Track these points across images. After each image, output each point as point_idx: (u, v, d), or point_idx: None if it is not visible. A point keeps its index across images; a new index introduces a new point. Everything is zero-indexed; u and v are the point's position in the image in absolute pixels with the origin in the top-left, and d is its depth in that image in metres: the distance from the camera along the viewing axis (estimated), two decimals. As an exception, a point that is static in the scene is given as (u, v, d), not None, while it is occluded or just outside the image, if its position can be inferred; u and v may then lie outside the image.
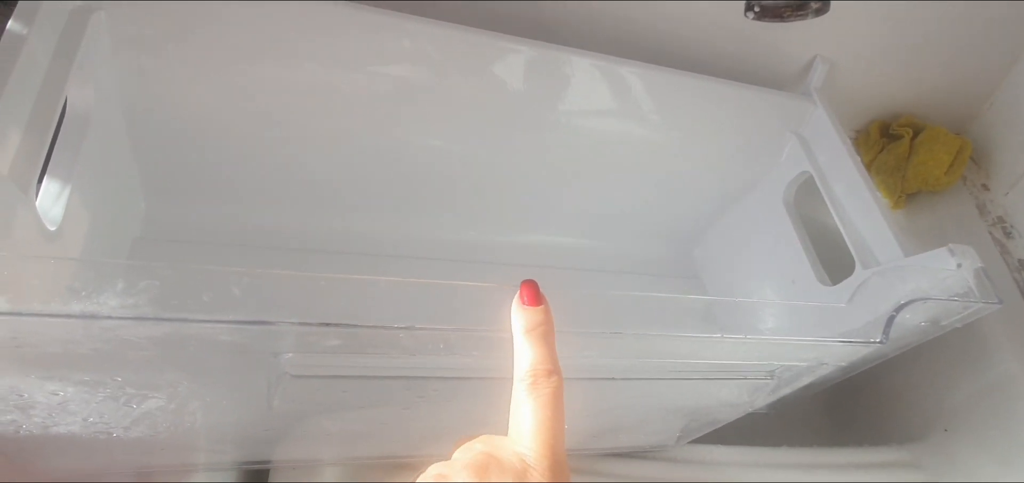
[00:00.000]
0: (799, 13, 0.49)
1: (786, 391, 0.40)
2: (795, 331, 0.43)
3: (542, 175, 0.53)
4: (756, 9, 0.49)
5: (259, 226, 0.51)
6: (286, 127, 0.45)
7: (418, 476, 0.25)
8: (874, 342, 0.35)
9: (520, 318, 0.27)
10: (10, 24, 0.31)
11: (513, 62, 0.44)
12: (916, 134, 0.59)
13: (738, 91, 0.50)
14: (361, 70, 0.42)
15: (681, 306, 0.31)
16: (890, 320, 0.35)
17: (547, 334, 0.26)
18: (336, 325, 0.25)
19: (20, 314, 0.22)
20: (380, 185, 0.51)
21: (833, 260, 0.51)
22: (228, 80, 0.41)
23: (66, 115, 0.38)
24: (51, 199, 0.34)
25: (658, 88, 0.48)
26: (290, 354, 0.27)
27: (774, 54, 0.52)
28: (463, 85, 0.44)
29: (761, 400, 0.41)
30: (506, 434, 0.25)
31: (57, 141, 0.37)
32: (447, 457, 0.25)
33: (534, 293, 0.27)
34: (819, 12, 0.49)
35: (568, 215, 0.57)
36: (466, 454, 0.24)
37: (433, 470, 0.25)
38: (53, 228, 0.33)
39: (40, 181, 0.35)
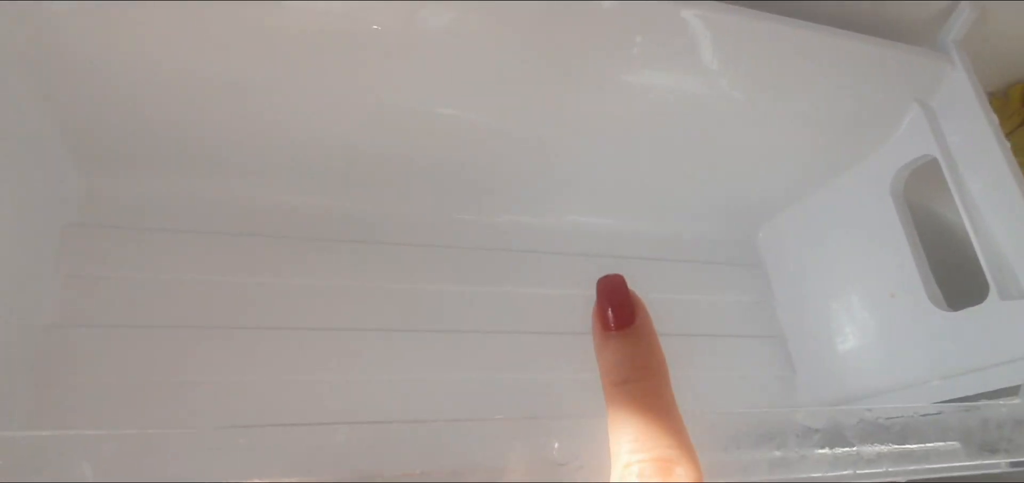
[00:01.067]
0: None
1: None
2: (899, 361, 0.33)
3: (580, 145, 0.41)
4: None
5: (234, 203, 0.40)
6: (262, 77, 0.33)
7: None
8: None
9: (604, 360, 0.16)
10: None
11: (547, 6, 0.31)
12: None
13: (845, 42, 0.37)
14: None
15: (795, 422, 0.21)
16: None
17: (655, 388, 0.15)
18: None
19: None
20: (383, 158, 0.40)
21: (950, 274, 0.40)
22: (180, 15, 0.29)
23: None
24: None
25: (730, 36, 0.35)
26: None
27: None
28: (486, 34, 0.32)
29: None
30: None
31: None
32: None
33: (623, 306, 0.16)
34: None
35: (609, 192, 0.46)
36: None
37: None
38: None
39: None
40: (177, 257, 0.38)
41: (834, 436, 0.22)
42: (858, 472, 0.21)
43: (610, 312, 0.16)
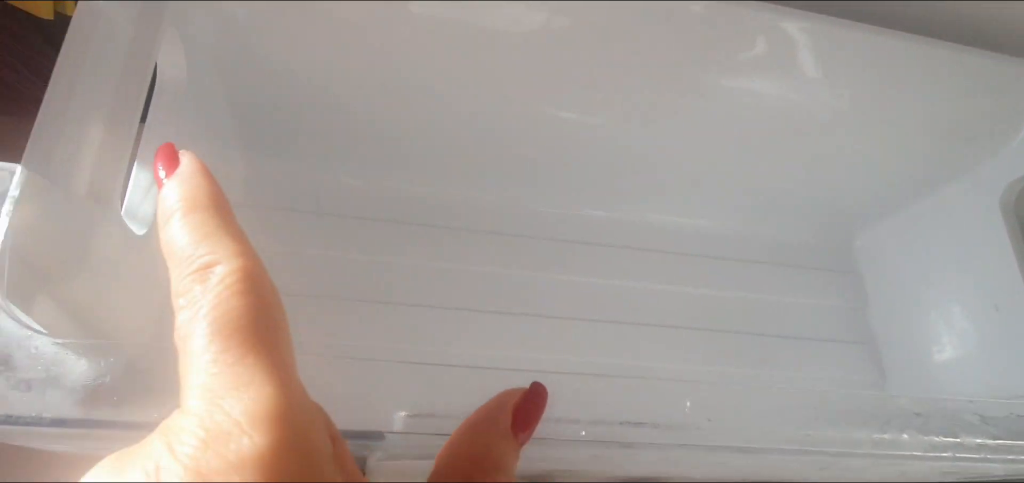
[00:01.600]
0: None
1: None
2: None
3: (676, 147, 0.44)
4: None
5: (369, 190, 0.46)
6: (405, 79, 0.38)
7: None
8: None
9: (160, 205, 0.17)
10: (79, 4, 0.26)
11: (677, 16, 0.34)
12: None
13: (956, 56, 0.38)
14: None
15: (892, 408, 0.23)
16: None
17: (192, 212, 0.16)
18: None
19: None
20: (499, 154, 0.44)
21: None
22: (341, 21, 0.35)
23: (155, 89, 0.34)
24: (141, 193, 0.31)
25: (834, 47, 0.37)
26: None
27: (1008, 10, 0.39)
28: (621, 40, 0.35)
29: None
30: None
31: (146, 121, 0.33)
32: None
33: (168, 158, 0.17)
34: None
35: (705, 193, 0.48)
36: None
37: None
38: (143, 231, 0.30)
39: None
40: (320, 236, 0.44)
41: (936, 424, 0.24)
42: (957, 456, 0.23)
43: (160, 170, 0.17)
